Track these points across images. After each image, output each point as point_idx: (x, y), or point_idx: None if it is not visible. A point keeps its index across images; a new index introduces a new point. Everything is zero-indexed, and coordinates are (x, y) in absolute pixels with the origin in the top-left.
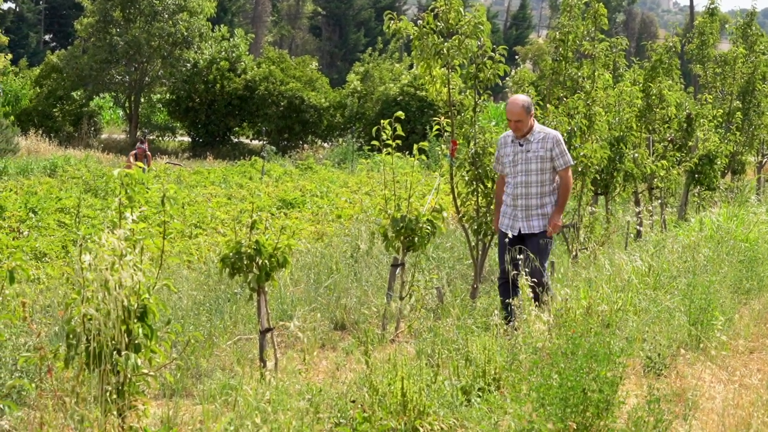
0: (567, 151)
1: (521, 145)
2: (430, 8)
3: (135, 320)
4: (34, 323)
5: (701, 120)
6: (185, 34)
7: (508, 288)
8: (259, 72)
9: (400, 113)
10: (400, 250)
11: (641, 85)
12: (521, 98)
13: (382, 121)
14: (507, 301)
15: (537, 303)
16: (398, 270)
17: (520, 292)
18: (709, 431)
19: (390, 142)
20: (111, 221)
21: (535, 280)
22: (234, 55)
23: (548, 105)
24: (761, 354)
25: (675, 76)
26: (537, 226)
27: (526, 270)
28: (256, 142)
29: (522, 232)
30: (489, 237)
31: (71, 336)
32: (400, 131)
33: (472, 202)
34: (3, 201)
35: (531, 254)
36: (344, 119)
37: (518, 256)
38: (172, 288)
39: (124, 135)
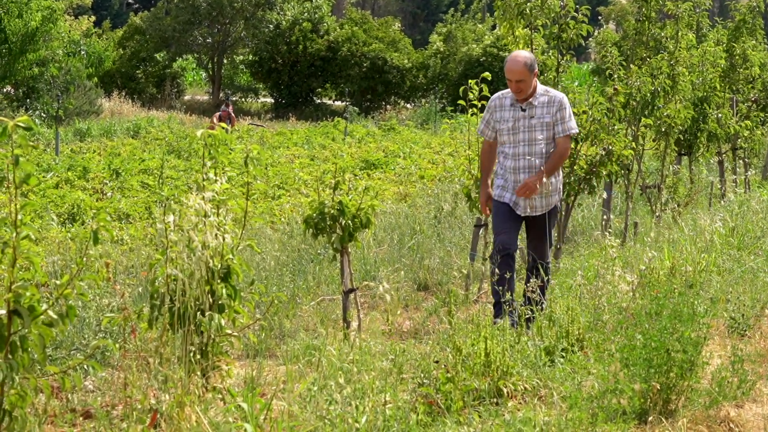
0: (572, 118)
1: (523, 110)
2: None
3: (219, 281)
4: (117, 284)
5: None
6: None
7: (508, 263)
8: (341, 33)
9: (487, 74)
10: None
11: (725, 45)
12: (523, 54)
13: (469, 81)
14: (506, 276)
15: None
16: (481, 231)
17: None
18: None
19: (476, 102)
20: (195, 182)
21: (541, 264)
22: (316, 16)
23: (631, 65)
24: None
25: (759, 36)
26: (544, 205)
27: (532, 257)
28: (338, 103)
29: (528, 214)
30: (572, 197)
31: (155, 296)
32: (486, 92)
33: None
34: (87, 162)
35: (536, 237)
36: (427, 80)
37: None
38: (256, 248)
39: (206, 96)
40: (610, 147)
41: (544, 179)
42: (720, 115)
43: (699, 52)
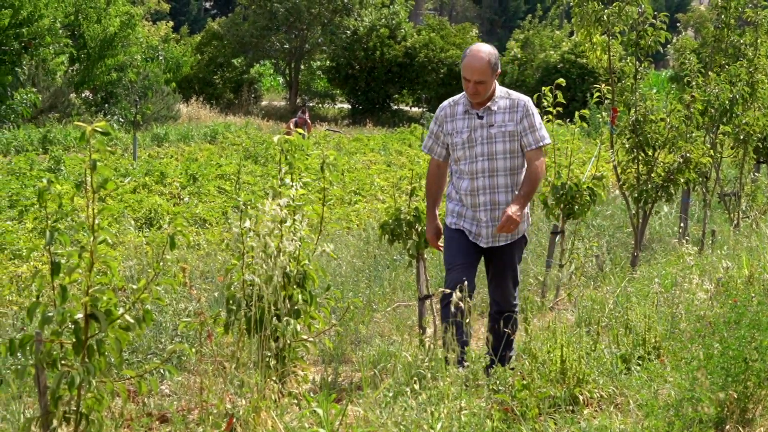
0: (542, 125)
1: (480, 117)
2: None
3: (295, 286)
4: (194, 289)
5: None
6: (345, 1)
7: (460, 308)
8: (418, 39)
9: (561, 80)
10: (560, 218)
11: None
12: (486, 49)
13: (543, 88)
14: (448, 321)
15: (499, 354)
16: (558, 237)
17: (466, 334)
18: None
19: (551, 109)
20: (272, 188)
21: (506, 313)
22: (394, 22)
23: (710, 72)
24: None
25: None
26: (507, 234)
27: (495, 301)
28: (415, 109)
29: (490, 244)
30: (650, 205)
31: (231, 301)
32: (561, 98)
33: (633, 170)
34: (164, 167)
35: (499, 273)
36: (504, 87)
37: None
38: (332, 254)
39: (284, 102)
40: (688, 154)
41: (513, 210)
42: None
43: None
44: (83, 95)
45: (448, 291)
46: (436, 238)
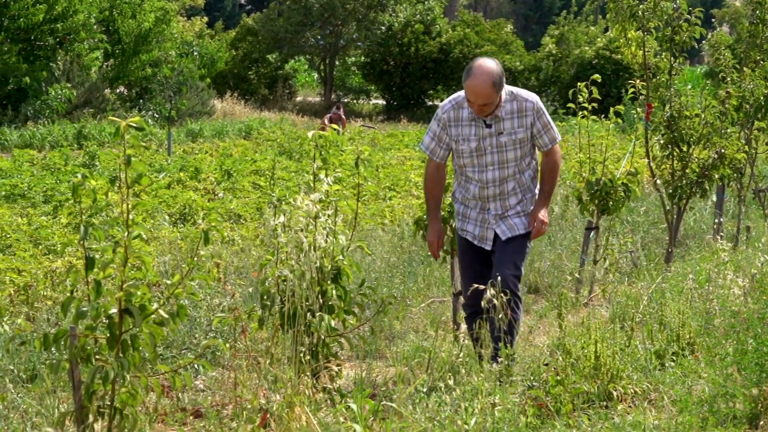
0: (553, 123)
1: (488, 126)
2: None
3: (329, 282)
4: (228, 284)
5: None
6: None
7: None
8: (453, 35)
9: (596, 76)
10: (595, 214)
11: None
12: (488, 68)
13: (578, 84)
14: (473, 335)
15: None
16: (592, 233)
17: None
18: None
19: (586, 105)
20: (306, 184)
21: (508, 294)
22: (429, 18)
23: (745, 68)
24: None
25: None
26: (519, 225)
27: (496, 281)
28: None
29: (503, 237)
30: (684, 201)
31: (265, 297)
32: (596, 94)
33: (668, 166)
34: (199, 163)
35: (502, 260)
36: (539, 82)
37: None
38: (366, 250)
39: (318, 98)
40: (723, 150)
41: (543, 214)
42: None
43: None
44: (118, 91)
45: (469, 302)
46: (438, 242)
